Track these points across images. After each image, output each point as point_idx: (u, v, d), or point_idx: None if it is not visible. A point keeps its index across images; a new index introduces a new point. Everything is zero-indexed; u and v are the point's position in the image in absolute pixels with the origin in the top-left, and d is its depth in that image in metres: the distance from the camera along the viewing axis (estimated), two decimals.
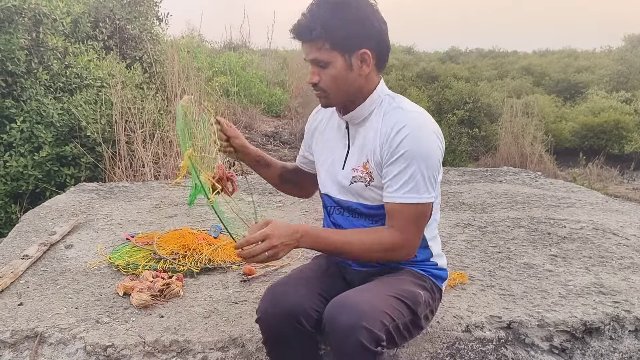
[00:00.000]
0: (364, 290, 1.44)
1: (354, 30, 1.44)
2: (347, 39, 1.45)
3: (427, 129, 1.49)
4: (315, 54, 1.47)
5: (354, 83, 1.51)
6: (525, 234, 2.91)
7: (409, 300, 1.47)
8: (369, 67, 1.50)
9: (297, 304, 1.47)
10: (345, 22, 1.43)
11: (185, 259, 2.37)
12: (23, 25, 4.92)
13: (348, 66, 1.48)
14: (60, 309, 1.99)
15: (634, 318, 1.99)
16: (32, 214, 3.23)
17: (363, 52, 1.48)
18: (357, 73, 1.49)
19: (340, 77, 1.49)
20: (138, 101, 5.39)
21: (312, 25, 1.44)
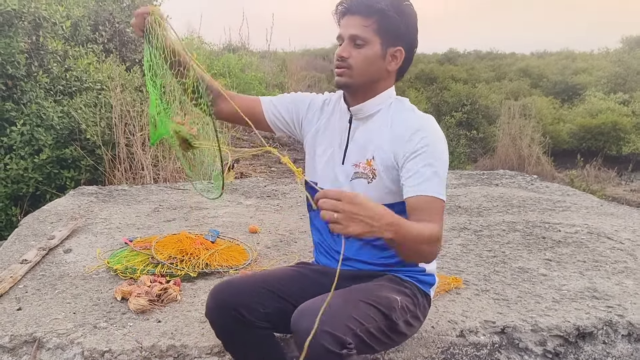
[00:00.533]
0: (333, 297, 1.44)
1: (403, 28, 1.54)
2: (395, 32, 1.53)
3: (441, 134, 1.56)
4: (359, 31, 1.52)
5: (378, 72, 1.57)
6: (521, 237, 2.94)
7: (382, 306, 1.48)
8: (397, 66, 1.58)
9: (235, 297, 1.54)
10: (400, 17, 1.52)
11: (183, 264, 2.39)
12: (23, 28, 4.94)
13: (382, 55, 1.55)
14: (58, 314, 2.01)
15: (626, 323, 2.01)
16: (31, 218, 3.25)
17: (398, 49, 1.56)
18: (385, 65, 1.56)
19: (371, 60, 1.54)
20: (137, 104, 5.40)
21: (376, 2, 1.50)
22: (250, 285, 1.61)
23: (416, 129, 1.53)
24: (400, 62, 1.59)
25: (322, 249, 1.77)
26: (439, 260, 2.59)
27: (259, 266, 2.51)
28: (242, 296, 1.55)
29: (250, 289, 1.59)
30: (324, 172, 1.69)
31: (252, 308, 1.54)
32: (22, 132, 4.76)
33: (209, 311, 1.58)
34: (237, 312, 1.53)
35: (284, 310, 1.58)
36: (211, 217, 3.36)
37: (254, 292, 1.57)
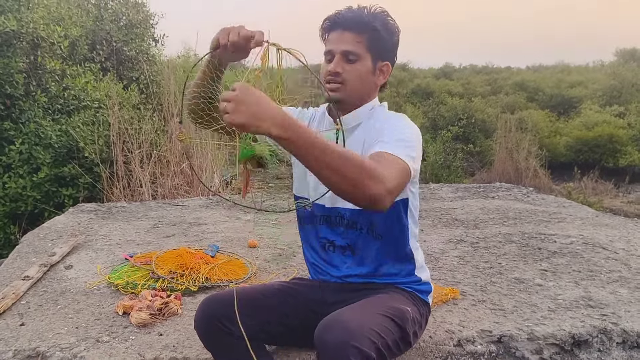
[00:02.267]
0: (352, 309, 1.46)
1: (389, 44, 1.61)
2: (384, 46, 1.60)
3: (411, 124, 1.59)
4: (352, 46, 1.56)
5: (369, 87, 1.62)
6: (517, 249, 2.97)
7: (397, 318, 1.51)
8: (384, 80, 1.65)
9: (221, 310, 1.57)
10: (387, 33, 1.58)
11: (183, 278, 2.41)
12: (21, 49, 5.01)
13: (372, 70, 1.60)
14: (61, 328, 2.03)
15: (621, 330, 2.04)
16: (31, 235, 3.27)
17: (386, 64, 1.62)
18: (375, 80, 1.62)
19: (364, 76, 1.59)
20: (135, 122, 5.46)
21: (367, 20, 1.56)
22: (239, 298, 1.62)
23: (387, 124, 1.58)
24: (387, 77, 1.65)
25: (319, 268, 1.78)
26: (436, 272, 2.62)
27: (259, 280, 2.53)
28: (228, 309, 1.57)
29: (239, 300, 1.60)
30: (316, 185, 1.69)
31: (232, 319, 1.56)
32: (20, 150, 4.81)
33: (196, 323, 1.62)
34: (222, 325, 1.57)
35: (272, 322, 1.62)
36: (210, 233, 3.38)
37: (240, 305, 1.59)
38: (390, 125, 1.55)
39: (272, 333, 1.66)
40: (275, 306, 1.65)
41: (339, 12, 1.58)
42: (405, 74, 22.15)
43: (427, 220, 3.65)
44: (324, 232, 1.73)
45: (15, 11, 4.91)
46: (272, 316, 1.64)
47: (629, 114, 13.46)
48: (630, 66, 18.83)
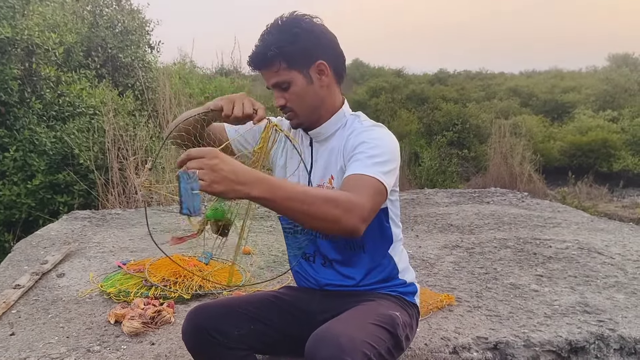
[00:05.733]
0: (342, 321, 1.43)
1: (305, 44, 1.51)
2: (301, 54, 1.51)
3: (389, 134, 1.54)
4: (276, 78, 1.53)
5: (317, 96, 1.56)
6: (512, 254, 2.96)
7: (388, 325, 1.48)
8: (328, 77, 1.56)
9: (208, 320, 1.56)
10: (296, 38, 1.49)
11: (177, 286, 2.39)
12: (16, 55, 4.99)
13: (308, 81, 1.54)
14: (51, 338, 2.00)
15: (618, 336, 2.03)
16: (24, 243, 3.25)
17: (319, 64, 1.53)
18: (318, 85, 1.55)
19: (304, 93, 1.54)
20: (130, 128, 5.45)
21: (266, 50, 1.50)
22: (224, 309, 1.62)
23: (361, 131, 1.53)
24: (329, 71, 1.56)
25: (303, 278, 1.76)
26: (431, 278, 2.61)
27: (253, 287, 2.51)
28: (215, 319, 1.57)
29: (224, 312, 1.60)
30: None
31: (226, 331, 1.56)
32: (14, 158, 4.78)
33: (184, 335, 1.60)
34: (210, 335, 1.55)
35: (261, 332, 1.60)
36: (205, 239, 3.36)
37: (227, 315, 1.59)
38: (365, 139, 1.50)
39: (261, 342, 1.65)
40: (264, 315, 1.64)
41: (251, 55, 1.53)
42: (400, 80, 22.18)
43: (423, 225, 3.64)
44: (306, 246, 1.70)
45: (10, 18, 4.89)
46: (261, 325, 1.62)
47: (623, 118, 13.53)
48: (622, 71, 18.92)
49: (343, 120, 1.61)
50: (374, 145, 1.48)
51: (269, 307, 1.67)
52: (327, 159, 1.61)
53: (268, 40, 1.50)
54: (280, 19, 1.53)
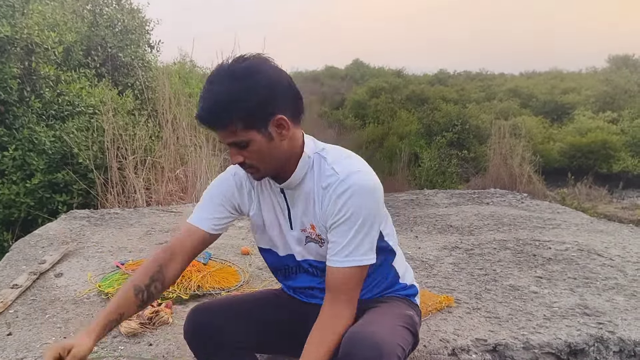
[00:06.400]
0: (376, 323, 1.42)
1: (261, 99, 1.34)
2: (258, 112, 1.35)
3: (366, 187, 1.42)
4: (232, 138, 1.38)
5: (279, 151, 1.42)
6: (511, 255, 2.95)
7: (410, 326, 1.50)
8: (289, 130, 1.40)
9: (210, 319, 1.55)
10: (250, 95, 1.33)
11: (175, 286, 2.38)
12: (15, 54, 4.98)
13: (268, 138, 1.38)
14: (48, 338, 1.99)
15: (617, 339, 2.02)
16: (22, 243, 3.24)
17: (278, 119, 1.37)
18: (279, 140, 1.40)
19: (264, 151, 1.40)
20: (130, 127, 5.44)
21: (218, 112, 1.34)
22: (225, 308, 1.62)
23: (339, 192, 1.41)
24: (288, 124, 1.39)
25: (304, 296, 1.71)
26: (430, 279, 2.60)
27: (251, 287, 2.51)
28: (217, 318, 1.56)
29: (225, 311, 1.60)
30: (280, 240, 1.60)
31: (228, 329, 1.56)
32: (14, 157, 4.77)
33: (185, 334, 1.59)
34: (212, 334, 1.55)
35: (261, 331, 1.59)
36: None
37: (229, 314, 1.59)
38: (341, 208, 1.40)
39: (261, 341, 1.64)
40: (265, 314, 1.63)
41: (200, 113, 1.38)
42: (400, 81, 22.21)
43: (422, 226, 3.63)
44: (302, 281, 1.64)
45: (9, 17, 4.88)
46: (261, 325, 1.62)
47: (622, 120, 13.53)
48: (622, 72, 18.93)
49: (309, 162, 1.47)
50: (350, 217, 1.40)
51: (269, 306, 1.67)
52: (305, 204, 1.51)
53: (218, 97, 1.34)
54: (230, 68, 1.35)
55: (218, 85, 1.35)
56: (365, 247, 1.42)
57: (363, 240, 1.42)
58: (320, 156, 1.48)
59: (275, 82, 1.37)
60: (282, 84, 1.38)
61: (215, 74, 1.37)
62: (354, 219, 1.40)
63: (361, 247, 1.42)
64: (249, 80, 1.33)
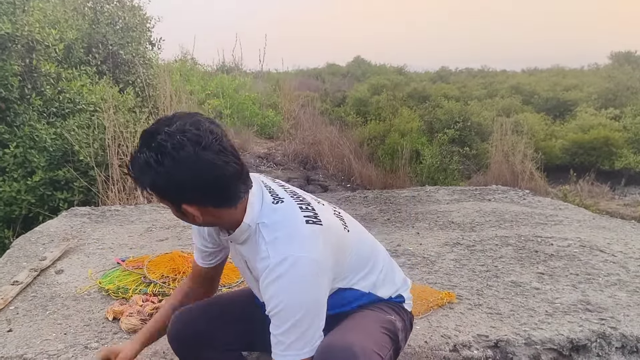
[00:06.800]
0: (350, 329, 1.42)
1: (167, 190, 1.33)
2: (164, 196, 1.35)
3: (299, 279, 1.32)
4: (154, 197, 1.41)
5: (198, 223, 1.41)
6: (513, 252, 2.94)
7: (390, 332, 1.48)
8: (200, 216, 1.36)
9: (193, 322, 1.57)
10: (158, 182, 1.30)
11: (176, 283, 2.38)
12: (16, 52, 4.98)
13: (181, 214, 1.38)
14: (49, 334, 1.99)
15: (620, 335, 2.01)
16: (23, 239, 3.24)
17: (184, 208, 1.35)
18: (193, 220, 1.39)
19: (182, 218, 1.40)
20: (131, 125, 5.43)
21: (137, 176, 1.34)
22: (206, 310, 1.63)
23: (267, 281, 1.33)
24: (198, 213, 1.35)
25: None
26: (432, 276, 2.60)
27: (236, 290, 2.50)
28: (199, 321, 1.58)
29: (206, 314, 1.61)
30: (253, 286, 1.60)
31: (210, 332, 1.57)
32: (15, 154, 4.77)
33: (169, 339, 1.61)
34: (195, 337, 1.56)
35: (243, 330, 1.60)
36: None
37: (210, 317, 1.60)
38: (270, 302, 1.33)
39: (245, 340, 1.65)
40: (246, 314, 1.63)
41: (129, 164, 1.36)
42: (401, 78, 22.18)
43: (423, 223, 3.62)
44: None
45: (10, 14, 4.88)
46: (243, 324, 1.62)
47: (625, 116, 13.46)
48: (625, 69, 18.87)
49: (249, 230, 1.41)
50: (281, 312, 1.32)
51: (251, 304, 1.65)
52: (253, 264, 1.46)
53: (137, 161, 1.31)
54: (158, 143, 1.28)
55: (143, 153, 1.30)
56: (304, 340, 1.33)
57: (303, 334, 1.32)
58: (259, 229, 1.39)
59: (182, 181, 1.28)
60: (200, 179, 1.29)
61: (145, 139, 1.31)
62: (286, 315, 1.31)
63: (299, 341, 1.32)
64: (158, 168, 1.28)
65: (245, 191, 1.39)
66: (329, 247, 1.39)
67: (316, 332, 1.35)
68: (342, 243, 1.46)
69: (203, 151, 1.27)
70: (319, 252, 1.35)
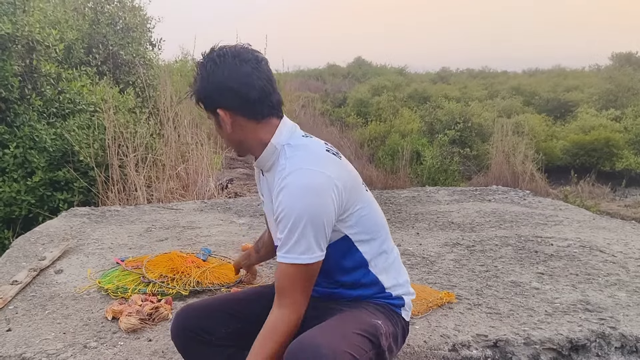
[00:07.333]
0: (325, 330, 1.42)
1: (206, 95, 1.54)
2: (205, 103, 1.55)
3: (299, 187, 1.44)
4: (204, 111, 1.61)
5: (230, 137, 1.58)
6: (513, 252, 2.94)
7: (370, 335, 1.46)
8: (230, 125, 1.53)
9: (196, 319, 1.60)
10: (201, 88, 1.54)
11: (174, 282, 2.38)
12: (17, 52, 4.97)
13: (218, 125, 1.57)
14: (48, 334, 1.99)
15: (619, 335, 2.01)
16: (22, 240, 3.23)
17: (218, 112, 1.53)
18: (225, 130, 1.55)
19: (218, 132, 1.61)
20: (131, 125, 5.43)
21: (190, 92, 1.59)
22: (211, 307, 1.65)
23: (280, 187, 1.46)
24: (229, 120, 1.53)
25: None
26: (431, 276, 2.59)
27: (251, 284, 2.50)
28: (203, 318, 1.60)
29: (211, 311, 1.63)
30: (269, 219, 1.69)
31: (213, 329, 1.59)
32: (15, 154, 4.76)
33: (172, 335, 1.63)
34: (197, 334, 1.58)
35: (246, 329, 1.59)
36: (204, 236, 3.35)
37: (215, 313, 1.62)
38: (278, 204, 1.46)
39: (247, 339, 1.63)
40: (250, 313, 1.64)
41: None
42: (402, 79, 22.19)
43: (423, 223, 3.62)
44: None
45: (10, 14, 4.87)
46: (246, 323, 1.62)
47: (625, 117, 13.45)
48: (626, 70, 18.83)
49: (275, 152, 1.55)
50: (283, 216, 1.44)
51: (254, 304, 1.66)
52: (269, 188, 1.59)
53: (196, 80, 1.56)
54: (204, 57, 1.54)
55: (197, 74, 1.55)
56: (302, 246, 1.42)
57: (299, 239, 1.42)
58: (284, 149, 1.54)
59: (219, 82, 1.50)
60: (228, 85, 1.50)
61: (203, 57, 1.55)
62: (287, 218, 1.43)
63: (298, 245, 1.42)
64: (202, 75, 1.53)
65: (273, 115, 1.55)
66: (343, 175, 1.51)
67: (317, 243, 1.44)
68: (356, 189, 1.55)
69: (240, 63, 1.49)
70: (330, 171, 1.47)
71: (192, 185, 5.59)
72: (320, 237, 1.44)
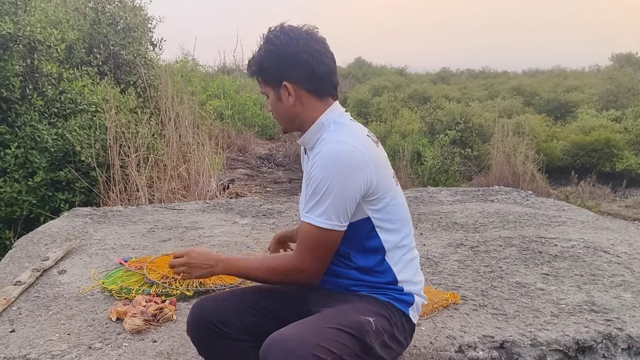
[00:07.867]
0: (298, 325, 1.43)
1: (275, 66, 1.59)
2: (271, 74, 1.61)
3: (329, 157, 1.51)
4: (261, 88, 1.68)
5: (287, 111, 1.63)
6: (517, 253, 2.93)
7: (352, 329, 1.45)
8: (294, 98, 1.60)
9: (212, 312, 1.61)
10: (269, 59, 1.60)
11: (178, 283, 2.37)
12: (18, 52, 4.96)
13: (278, 98, 1.62)
14: (52, 335, 1.98)
15: (626, 336, 2.00)
16: (25, 240, 3.23)
17: (284, 86, 1.59)
18: (286, 103, 1.61)
19: (275, 106, 1.65)
20: (132, 125, 5.42)
21: (251, 65, 1.65)
22: (227, 300, 1.66)
23: (316, 155, 1.55)
24: (296, 91, 1.59)
25: None
26: (436, 276, 2.58)
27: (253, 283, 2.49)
28: (219, 311, 1.61)
29: (227, 304, 1.64)
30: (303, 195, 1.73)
31: (229, 322, 1.59)
32: (16, 154, 4.75)
33: (188, 328, 1.64)
34: (214, 326, 1.58)
35: (263, 323, 1.60)
36: (207, 237, 3.34)
37: (231, 307, 1.62)
38: (312, 167, 1.54)
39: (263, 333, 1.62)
40: (266, 306, 1.65)
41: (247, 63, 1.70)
42: (402, 79, 22.20)
43: (427, 224, 3.61)
44: None
45: (12, 14, 4.86)
46: (262, 317, 1.63)
47: (626, 118, 13.45)
48: (626, 71, 18.84)
49: (322, 129, 1.62)
50: (312, 180, 1.53)
51: (271, 298, 1.68)
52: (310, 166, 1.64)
53: (255, 56, 1.64)
54: (271, 31, 1.61)
55: (257, 50, 1.63)
56: (320, 209, 1.50)
57: (319, 203, 1.50)
58: (335, 124, 1.61)
59: (285, 54, 1.56)
60: (294, 57, 1.56)
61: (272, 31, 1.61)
62: (313, 182, 1.51)
63: (317, 208, 1.50)
64: (265, 47, 1.59)
65: (332, 94, 1.64)
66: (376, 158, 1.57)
67: (335, 212, 1.50)
68: (386, 177, 1.60)
69: (311, 41, 1.57)
70: (364, 148, 1.54)
71: (194, 186, 5.58)
72: (340, 208, 1.50)
